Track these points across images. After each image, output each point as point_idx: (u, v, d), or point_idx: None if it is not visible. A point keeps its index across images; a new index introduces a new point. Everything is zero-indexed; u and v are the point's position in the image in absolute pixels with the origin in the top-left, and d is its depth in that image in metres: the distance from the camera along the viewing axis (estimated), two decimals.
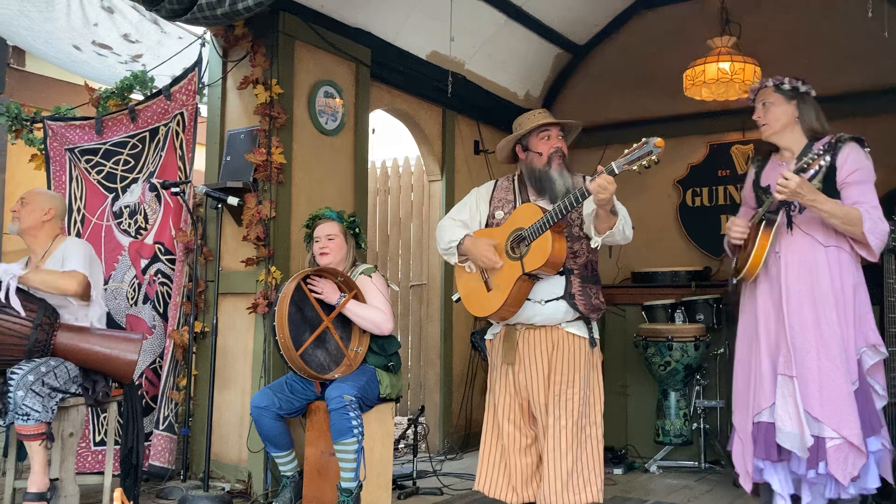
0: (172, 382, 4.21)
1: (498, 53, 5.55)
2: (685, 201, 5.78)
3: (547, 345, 3.25)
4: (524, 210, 3.19)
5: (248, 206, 4.09)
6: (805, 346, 3.03)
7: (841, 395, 2.96)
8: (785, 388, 3.05)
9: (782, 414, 3.03)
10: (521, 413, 3.32)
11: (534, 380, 3.26)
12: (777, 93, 3.24)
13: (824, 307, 3.04)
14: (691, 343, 4.61)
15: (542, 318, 3.22)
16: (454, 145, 5.54)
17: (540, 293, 3.20)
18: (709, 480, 4.49)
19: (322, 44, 4.38)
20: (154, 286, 4.40)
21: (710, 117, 5.55)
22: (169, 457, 4.15)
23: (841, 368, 2.98)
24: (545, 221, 3.03)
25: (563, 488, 3.14)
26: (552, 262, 3.05)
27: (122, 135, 4.61)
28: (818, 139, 3.18)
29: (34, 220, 3.73)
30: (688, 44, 5.29)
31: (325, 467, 3.58)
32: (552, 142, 3.27)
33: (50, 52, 5.01)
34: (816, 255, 3.08)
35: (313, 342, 3.57)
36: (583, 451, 3.18)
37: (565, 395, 3.19)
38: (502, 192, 3.41)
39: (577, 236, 3.23)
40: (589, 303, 3.23)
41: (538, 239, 3.05)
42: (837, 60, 5.10)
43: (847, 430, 2.93)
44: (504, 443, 3.33)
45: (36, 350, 3.42)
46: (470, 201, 3.46)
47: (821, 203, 2.98)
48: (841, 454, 2.93)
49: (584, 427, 3.20)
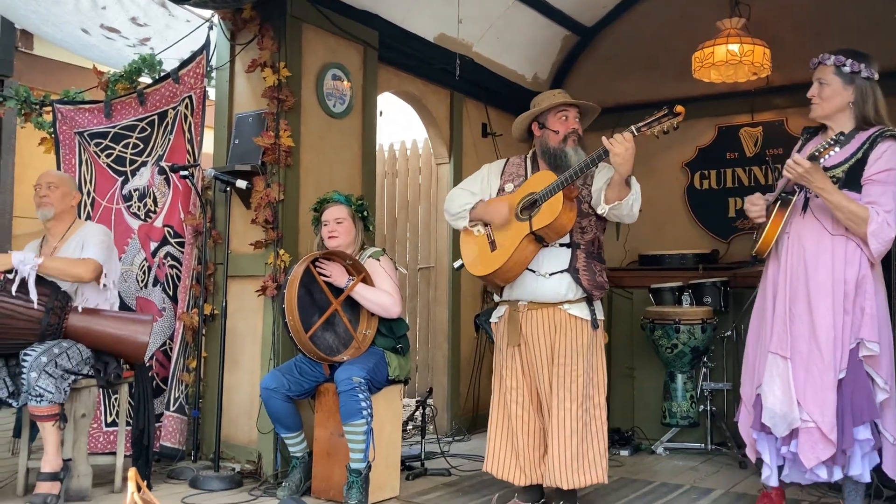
0: (182, 364, 4.25)
1: (506, 36, 5.53)
2: (693, 184, 5.77)
3: (549, 326, 3.28)
4: (539, 176, 3.26)
5: (257, 189, 4.10)
6: (800, 329, 3.04)
7: (822, 383, 2.96)
8: (774, 367, 3.07)
9: (767, 391, 3.06)
10: (529, 394, 3.36)
11: (538, 360, 3.30)
12: (836, 75, 3.10)
13: (819, 295, 3.00)
14: (698, 325, 4.62)
15: (544, 292, 3.25)
16: (462, 128, 5.53)
17: (545, 265, 3.25)
18: (715, 462, 4.51)
19: (330, 26, 4.37)
20: (164, 269, 4.43)
21: (719, 99, 5.53)
22: (179, 438, 4.19)
23: (826, 358, 2.96)
24: (559, 183, 3.10)
25: (568, 469, 3.19)
26: (559, 222, 3.10)
27: (130, 118, 4.62)
28: (868, 128, 3.07)
29: (65, 205, 3.77)
30: (697, 25, 5.25)
31: (335, 448, 3.61)
32: (569, 122, 3.35)
33: (58, 36, 5.01)
34: (821, 242, 3.04)
35: (322, 325, 3.59)
36: (587, 432, 3.23)
37: (569, 378, 3.23)
38: (514, 168, 3.49)
39: (586, 212, 3.29)
40: (593, 279, 3.27)
41: (549, 200, 3.12)
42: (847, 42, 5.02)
43: (819, 417, 2.93)
44: (512, 424, 3.37)
45: (48, 333, 3.46)
46: (482, 174, 3.55)
47: (829, 193, 2.94)
48: (811, 438, 2.95)
49: (589, 409, 3.25)
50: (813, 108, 3.17)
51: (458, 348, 5.46)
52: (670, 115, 2.89)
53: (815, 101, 3.15)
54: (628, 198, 3.09)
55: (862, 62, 3.09)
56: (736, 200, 5.59)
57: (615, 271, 5.57)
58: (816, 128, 3.30)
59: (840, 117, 3.13)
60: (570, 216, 3.14)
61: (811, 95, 3.17)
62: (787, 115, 5.41)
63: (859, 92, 3.08)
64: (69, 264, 3.57)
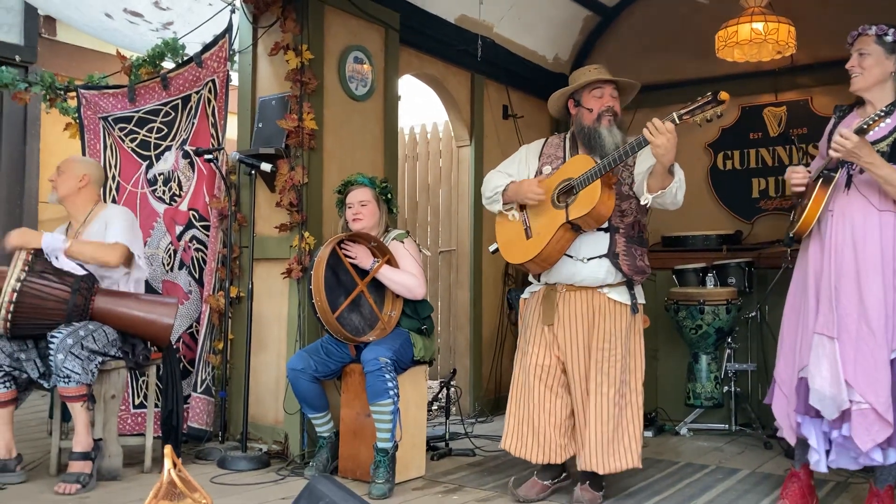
0: (209, 346, 4.29)
1: (527, 16, 5.50)
2: (716, 164, 5.73)
3: (587, 309, 3.22)
4: (576, 161, 3.16)
5: (281, 173, 4.12)
6: (848, 308, 2.97)
7: (874, 362, 2.90)
8: (820, 348, 3.00)
9: (815, 373, 2.99)
10: (556, 374, 3.31)
11: (572, 342, 3.25)
12: (877, 44, 3.05)
13: (868, 272, 2.94)
14: (723, 306, 4.60)
15: (583, 277, 3.19)
16: (483, 110, 5.52)
17: (583, 250, 3.18)
18: (739, 443, 4.51)
19: (351, 8, 4.37)
20: (189, 252, 4.46)
21: (743, 79, 5.46)
22: (207, 419, 4.24)
23: (878, 335, 2.91)
24: (597, 171, 3.01)
25: (604, 454, 3.16)
26: (597, 212, 3.02)
27: (154, 102, 4.64)
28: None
29: (70, 188, 3.80)
30: (720, 4, 5.19)
31: (361, 428, 3.64)
32: (604, 100, 3.24)
33: (82, 20, 5.04)
34: (868, 219, 2.97)
35: (348, 306, 3.61)
36: (623, 417, 3.19)
37: (607, 363, 3.18)
38: (552, 149, 3.40)
39: (626, 195, 3.20)
40: (633, 264, 3.20)
41: (587, 188, 3.03)
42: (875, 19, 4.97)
43: (873, 397, 2.87)
44: (533, 402, 3.32)
45: (75, 314, 3.50)
46: (520, 156, 3.47)
47: (878, 167, 2.87)
48: (865, 420, 2.89)
49: (625, 394, 3.20)
50: (854, 80, 3.09)
51: (480, 331, 5.47)
52: (714, 103, 2.78)
53: (857, 70, 3.07)
54: (671, 186, 2.99)
55: None
56: (759, 181, 5.55)
57: None
58: (851, 105, 3.23)
59: (881, 89, 3.06)
60: (609, 205, 3.05)
61: (851, 66, 3.10)
62: (812, 94, 5.35)
63: None
64: (96, 249, 3.61)
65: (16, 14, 6.46)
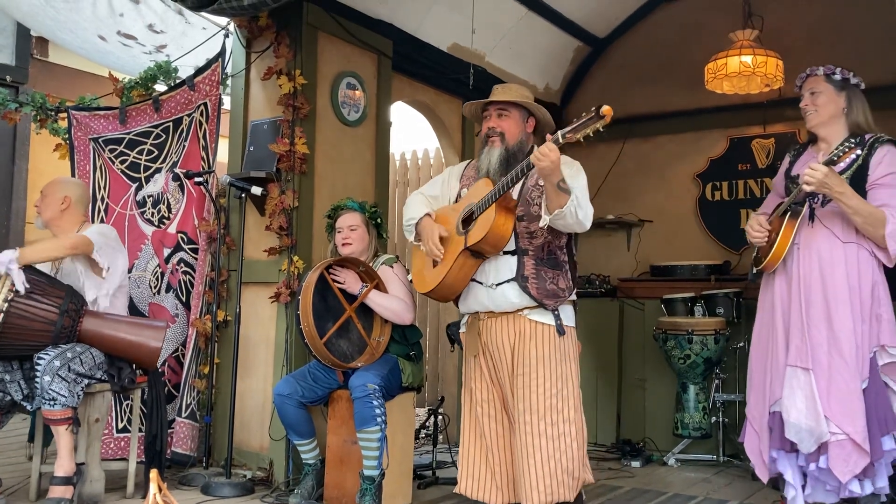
0: (195, 370, 4.25)
1: (518, 46, 5.55)
2: (705, 195, 5.76)
3: (510, 334, 3.05)
4: (478, 186, 3.07)
5: (272, 196, 4.12)
6: (818, 340, 3.01)
7: (848, 392, 2.94)
8: (794, 380, 3.03)
9: (789, 406, 3.02)
10: (499, 406, 3.15)
11: (499, 371, 3.11)
12: (827, 83, 3.18)
13: (837, 303, 3.01)
14: (711, 336, 4.61)
15: (497, 304, 3.05)
16: (473, 137, 5.54)
17: (491, 276, 3.06)
18: (727, 474, 4.49)
19: (345, 35, 4.39)
20: (177, 275, 4.44)
21: (731, 111, 5.52)
22: (191, 444, 4.19)
23: (851, 365, 2.95)
24: (492, 195, 2.92)
25: (531, 488, 2.94)
26: (493, 236, 2.90)
27: (145, 125, 4.64)
28: (861, 135, 3.12)
29: (53, 212, 3.77)
30: (709, 37, 5.26)
31: (347, 456, 3.61)
32: (489, 122, 3.14)
33: (75, 42, 5.05)
34: (834, 251, 3.05)
35: (336, 331, 3.59)
36: (555, 449, 2.94)
37: (528, 389, 2.98)
38: (472, 171, 3.30)
39: (535, 215, 3.02)
40: (543, 287, 3.01)
41: (484, 213, 2.94)
42: (861, 54, 5.06)
43: (850, 428, 2.90)
44: (486, 440, 3.16)
45: (62, 336, 3.46)
46: (444, 177, 3.40)
47: (847, 198, 2.95)
48: (843, 451, 2.91)
49: (556, 423, 2.96)
50: (809, 118, 3.24)
51: None
52: (596, 118, 2.65)
53: (810, 108, 3.22)
54: (568, 205, 2.80)
55: (850, 71, 3.20)
56: (748, 212, 5.57)
57: (626, 282, 5.57)
58: (804, 144, 3.37)
59: (834, 126, 3.19)
60: (505, 229, 2.93)
61: (804, 105, 3.25)
62: (800, 126, 5.32)
63: (851, 98, 3.17)
64: (50, 246, 3.55)
65: (8, 35, 6.47)
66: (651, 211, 5.82)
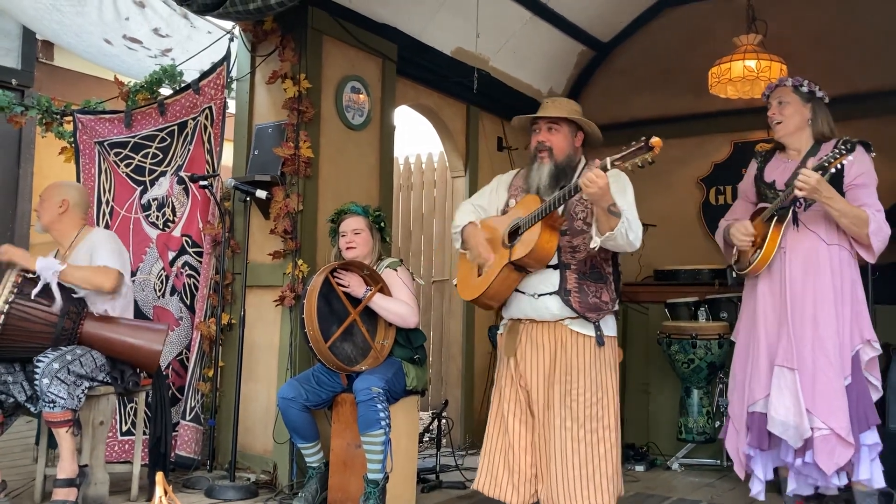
0: (199, 374, 4.26)
1: (522, 50, 5.56)
2: (708, 199, 5.77)
3: (550, 341, 3.11)
4: (526, 200, 3.11)
5: (276, 200, 4.13)
6: (803, 339, 3.12)
7: (832, 388, 3.05)
8: (782, 380, 3.13)
9: (777, 404, 3.12)
10: (525, 407, 3.19)
11: (533, 375, 3.14)
12: (795, 94, 3.29)
13: (823, 303, 3.12)
14: (715, 341, 4.60)
15: (539, 313, 3.11)
16: (478, 141, 5.55)
17: (532, 286, 3.11)
18: (731, 479, 4.48)
19: (349, 39, 4.41)
20: (181, 278, 4.45)
21: (735, 115, 5.53)
22: (195, 447, 4.19)
23: (834, 363, 3.07)
24: (538, 213, 2.96)
25: (569, 493, 2.98)
26: (537, 253, 2.96)
27: (150, 128, 4.66)
28: (825, 142, 3.25)
29: (51, 216, 3.76)
30: (713, 41, 5.27)
31: (351, 459, 3.61)
32: (539, 136, 3.19)
33: (80, 46, 5.07)
34: (819, 252, 3.16)
35: (341, 335, 3.60)
36: (594, 455, 3.00)
37: (569, 397, 3.03)
38: (520, 181, 3.33)
39: (578, 230, 3.09)
40: (585, 301, 3.06)
41: (529, 229, 2.99)
42: (864, 59, 5.07)
43: (835, 423, 3.01)
44: (509, 438, 3.20)
45: (63, 338, 3.47)
46: (492, 185, 3.44)
47: (835, 202, 3.05)
48: (828, 445, 3.01)
49: (596, 430, 3.02)
50: (776, 127, 3.33)
51: (472, 361, 5.45)
52: (645, 149, 2.70)
53: (777, 118, 3.31)
54: (618, 228, 2.85)
55: (815, 84, 3.30)
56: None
57: (630, 286, 5.56)
58: (771, 150, 3.45)
59: (800, 135, 3.30)
60: (549, 247, 2.98)
61: (772, 114, 3.34)
62: None
63: (816, 110, 3.28)
64: (92, 273, 3.56)
65: (14, 38, 6.50)
66: (655, 215, 5.79)
